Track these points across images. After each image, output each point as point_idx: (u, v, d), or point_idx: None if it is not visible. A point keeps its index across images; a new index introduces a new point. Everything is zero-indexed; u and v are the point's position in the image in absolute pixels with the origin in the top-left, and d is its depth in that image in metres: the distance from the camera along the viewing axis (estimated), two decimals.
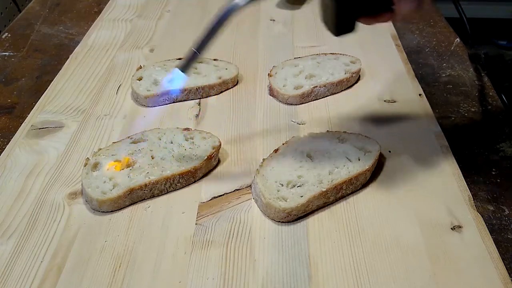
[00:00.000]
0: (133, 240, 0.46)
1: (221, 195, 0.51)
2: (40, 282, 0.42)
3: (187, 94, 0.65)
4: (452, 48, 0.79)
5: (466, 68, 0.73)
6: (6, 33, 0.83)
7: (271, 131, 0.59)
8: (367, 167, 0.50)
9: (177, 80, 0.57)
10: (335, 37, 0.48)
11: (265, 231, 0.47)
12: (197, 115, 0.62)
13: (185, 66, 0.47)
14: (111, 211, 0.49)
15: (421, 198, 0.50)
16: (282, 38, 0.79)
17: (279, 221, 0.48)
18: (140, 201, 0.50)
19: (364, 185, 0.52)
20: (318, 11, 0.47)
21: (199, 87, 0.65)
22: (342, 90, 0.67)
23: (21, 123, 0.61)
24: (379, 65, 0.72)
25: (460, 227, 0.47)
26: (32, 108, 0.63)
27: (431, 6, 0.90)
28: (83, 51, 0.76)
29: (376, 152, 0.53)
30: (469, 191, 0.51)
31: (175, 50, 0.76)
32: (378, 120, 0.61)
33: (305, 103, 0.64)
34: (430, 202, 0.50)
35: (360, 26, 0.47)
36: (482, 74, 0.72)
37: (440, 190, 0.51)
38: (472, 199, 0.50)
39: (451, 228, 0.47)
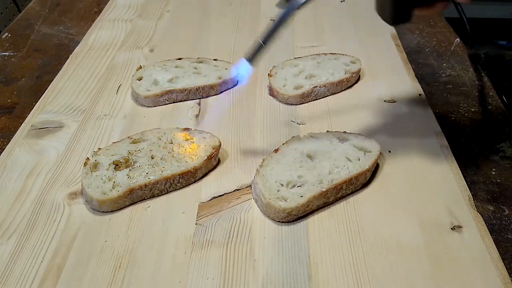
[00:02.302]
0: (133, 240, 0.46)
1: (221, 195, 0.51)
2: (40, 282, 0.42)
3: (187, 94, 0.65)
4: (452, 48, 0.79)
5: (466, 68, 0.73)
6: (6, 33, 0.83)
7: (271, 131, 0.59)
8: (367, 167, 0.50)
9: (244, 70, 0.58)
10: (335, 37, 0.48)
11: (265, 231, 0.47)
12: (197, 115, 0.62)
13: (252, 57, 0.49)
14: (111, 211, 0.49)
15: (421, 198, 0.50)
16: (282, 38, 0.79)
17: (279, 221, 0.48)
18: (140, 201, 0.50)
19: (364, 185, 0.52)
20: (319, 11, 0.47)
21: (199, 87, 0.65)
22: (342, 90, 0.67)
23: (21, 123, 0.61)
24: (379, 65, 0.72)
25: (460, 227, 0.47)
26: (32, 108, 0.63)
27: None
28: (83, 51, 0.76)
29: (376, 152, 0.53)
30: (469, 191, 0.51)
31: (175, 50, 0.76)
32: (378, 120, 0.61)
33: (305, 103, 0.64)
34: (430, 202, 0.50)
35: (360, 27, 0.47)
36: (482, 74, 0.72)
37: (440, 190, 0.51)
38: (472, 199, 0.50)
39: (451, 228, 0.47)
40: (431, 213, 0.48)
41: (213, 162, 0.54)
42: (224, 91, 0.67)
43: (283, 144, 0.55)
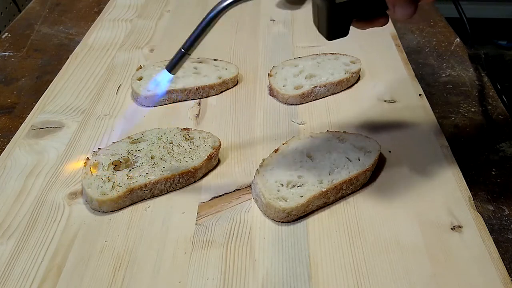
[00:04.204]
0: (133, 240, 0.46)
1: (221, 195, 0.51)
2: (40, 282, 0.42)
3: (187, 94, 0.65)
4: (452, 48, 0.79)
5: (466, 68, 0.73)
6: (6, 33, 0.83)
7: (271, 131, 0.59)
8: (367, 167, 0.50)
9: (164, 81, 0.56)
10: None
11: (265, 231, 0.47)
12: (197, 115, 0.62)
13: (173, 66, 0.46)
14: (111, 211, 0.49)
15: (421, 198, 0.50)
16: (282, 38, 0.79)
17: (279, 221, 0.48)
18: (140, 201, 0.50)
19: (364, 185, 0.52)
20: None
21: (199, 87, 0.65)
22: (342, 90, 0.67)
23: (21, 123, 0.61)
24: (379, 65, 0.72)
25: (460, 227, 0.47)
26: (32, 108, 0.63)
27: (431, 5, 0.90)
28: (83, 51, 0.76)
29: (376, 152, 0.53)
30: (469, 191, 0.51)
31: (175, 50, 0.75)
32: (378, 120, 0.61)
33: (305, 103, 0.64)
34: (430, 202, 0.50)
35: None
36: (482, 74, 0.72)
37: (440, 190, 0.51)
38: (472, 199, 0.50)
39: (451, 228, 0.47)
40: (431, 213, 0.48)
41: (213, 162, 0.54)
42: (224, 91, 0.67)
43: (283, 144, 0.55)
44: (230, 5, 0.42)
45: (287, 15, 0.86)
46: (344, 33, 0.44)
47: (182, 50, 0.45)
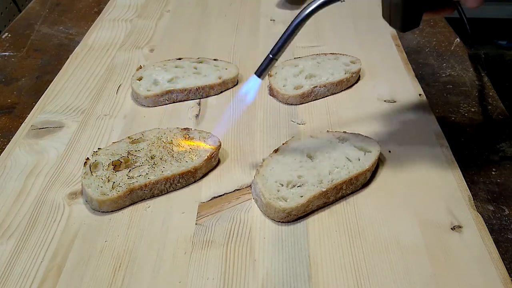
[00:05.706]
0: (133, 240, 0.46)
1: (221, 195, 0.51)
2: (40, 282, 0.42)
3: (187, 94, 0.65)
4: (452, 48, 0.79)
5: (466, 68, 0.73)
6: (6, 33, 0.83)
7: (271, 131, 0.59)
8: (367, 167, 0.50)
9: (254, 87, 0.57)
10: (335, 37, 0.48)
11: (265, 231, 0.47)
12: (197, 115, 0.62)
13: (262, 72, 0.48)
14: (111, 211, 0.49)
15: (421, 198, 0.50)
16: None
17: (279, 221, 0.48)
18: (140, 201, 0.50)
19: (364, 185, 0.52)
20: (319, 11, 0.47)
21: (199, 87, 0.65)
22: (342, 90, 0.67)
23: (21, 123, 0.61)
24: (379, 65, 0.72)
25: (460, 227, 0.47)
26: (32, 108, 0.63)
27: None
28: (83, 51, 0.76)
29: (376, 152, 0.53)
30: (469, 191, 0.51)
31: (175, 50, 0.76)
32: (378, 120, 0.61)
33: (305, 103, 0.64)
34: (430, 202, 0.50)
35: (360, 27, 0.47)
36: (482, 74, 0.72)
37: (440, 190, 0.51)
38: (472, 199, 0.50)
39: (451, 228, 0.47)
40: (431, 213, 0.48)
41: (213, 162, 0.54)
42: (224, 91, 0.67)
43: (283, 144, 0.55)
44: (315, 10, 0.44)
45: (287, 15, 0.86)
46: (416, 24, 0.46)
47: (270, 55, 0.48)
